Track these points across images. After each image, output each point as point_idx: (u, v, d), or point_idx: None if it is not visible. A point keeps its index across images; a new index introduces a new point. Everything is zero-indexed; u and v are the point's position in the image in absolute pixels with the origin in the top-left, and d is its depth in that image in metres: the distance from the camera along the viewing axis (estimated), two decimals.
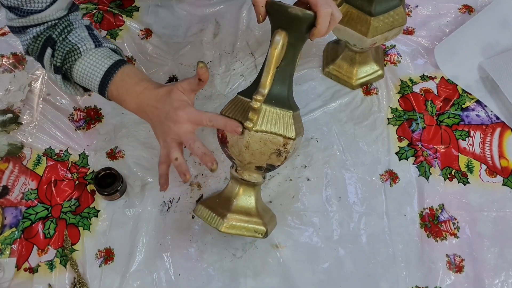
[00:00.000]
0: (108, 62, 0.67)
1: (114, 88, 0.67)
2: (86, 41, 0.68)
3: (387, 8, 0.77)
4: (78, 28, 0.69)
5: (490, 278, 0.73)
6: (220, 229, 0.65)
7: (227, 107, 0.67)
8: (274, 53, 0.60)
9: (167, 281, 0.74)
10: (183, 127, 0.61)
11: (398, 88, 0.91)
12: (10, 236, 0.78)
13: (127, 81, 0.66)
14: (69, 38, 0.68)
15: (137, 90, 0.66)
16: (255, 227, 0.68)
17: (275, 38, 0.60)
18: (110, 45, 0.70)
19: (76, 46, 0.67)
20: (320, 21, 0.60)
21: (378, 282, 0.74)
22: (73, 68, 0.68)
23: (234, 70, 0.94)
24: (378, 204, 0.80)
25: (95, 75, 0.67)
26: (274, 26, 0.64)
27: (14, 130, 0.87)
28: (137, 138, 0.87)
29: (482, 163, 0.83)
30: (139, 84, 0.66)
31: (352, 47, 0.86)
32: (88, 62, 0.67)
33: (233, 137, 0.64)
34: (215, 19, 1.01)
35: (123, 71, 0.67)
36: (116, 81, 0.66)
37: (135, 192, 0.81)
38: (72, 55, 0.67)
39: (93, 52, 0.67)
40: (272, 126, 0.63)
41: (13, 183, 0.83)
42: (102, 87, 0.67)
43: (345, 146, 0.85)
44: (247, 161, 0.65)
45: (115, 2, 1.04)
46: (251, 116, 0.61)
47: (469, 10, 1.00)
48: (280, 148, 0.64)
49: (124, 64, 0.68)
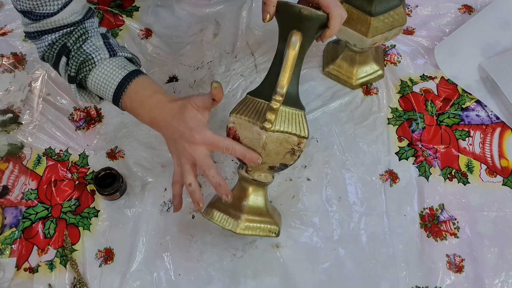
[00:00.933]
0: (122, 73, 0.66)
1: (127, 99, 0.66)
2: (100, 51, 0.67)
3: (387, 8, 0.76)
4: (93, 37, 0.68)
5: (490, 278, 0.73)
6: (236, 231, 0.65)
7: (238, 108, 0.66)
8: (293, 54, 0.60)
9: (167, 281, 0.74)
10: (198, 149, 0.61)
11: (398, 88, 0.91)
12: (10, 236, 0.78)
13: (140, 93, 0.66)
14: (83, 47, 0.67)
15: (151, 103, 0.65)
16: (269, 226, 0.68)
17: (293, 39, 0.60)
18: (126, 54, 0.70)
19: (91, 56, 0.66)
20: (333, 23, 0.61)
21: (378, 282, 0.74)
22: (87, 78, 0.67)
23: (234, 70, 0.94)
24: (378, 204, 0.80)
25: (109, 86, 0.66)
26: (284, 26, 0.63)
27: (14, 130, 0.87)
28: (137, 138, 0.87)
29: (482, 163, 0.83)
30: (152, 97, 0.65)
31: (352, 47, 0.86)
32: (102, 72, 0.66)
33: (247, 137, 0.63)
34: (215, 19, 1.01)
35: (137, 83, 0.66)
36: (129, 93, 0.66)
37: (135, 192, 0.81)
38: (86, 65, 0.67)
39: (107, 62, 0.67)
40: (287, 125, 0.63)
41: (13, 183, 0.83)
42: (116, 98, 0.67)
43: (345, 146, 0.85)
44: (262, 161, 0.65)
45: (115, 2, 1.04)
46: (270, 117, 0.61)
47: (469, 10, 1.00)
48: (294, 148, 0.65)
49: (138, 75, 0.67)
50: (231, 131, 0.65)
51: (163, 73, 0.94)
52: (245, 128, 0.64)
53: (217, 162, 0.83)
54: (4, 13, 1.02)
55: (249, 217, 0.66)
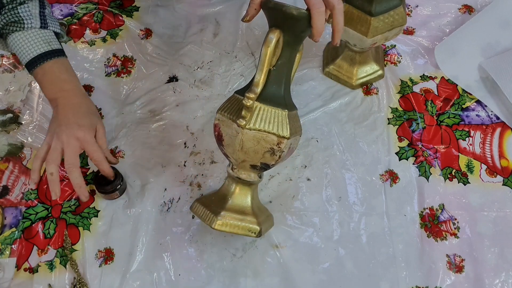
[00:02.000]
0: (45, 48, 0.70)
1: (40, 72, 0.71)
2: (33, 19, 0.70)
3: (387, 8, 0.76)
4: (31, 2, 0.70)
5: (491, 278, 0.73)
6: (212, 226, 0.66)
7: (224, 105, 0.67)
8: (267, 51, 0.60)
9: (167, 281, 0.74)
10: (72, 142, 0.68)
11: (398, 88, 0.91)
12: (10, 236, 0.78)
13: (56, 73, 0.71)
14: (18, 9, 0.69)
15: (63, 86, 0.71)
16: (249, 225, 0.68)
17: (268, 36, 0.60)
18: (55, 28, 0.73)
19: (22, 21, 0.69)
20: (315, 21, 0.59)
21: (378, 282, 0.74)
22: (9, 35, 0.70)
23: (234, 70, 0.94)
24: (378, 204, 0.80)
25: (27, 52, 0.70)
26: (270, 25, 0.63)
27: (14, 130, 0.87)
28: (137, 138, 0.87)
29: (482, 163, 0.83)
30: (67, 82, 0.72)
31: (352, 47, 0.86)
32: (26, 39, 0.70)
33: (228, 135, 0.64)
34: (215, 19, 1.01)
35: (56, 62, 0.71)
36: (45, 67, 0.70)
37: (135, 192, 0.81)
38: (14, 25, 0.69)
39: (35, 31, 0.70)
40: (265, 124, 0.63)
41: (13, 183, 0.83)
42: (30, 65, 0.71)
43: (345, 146, 0.85)
44: (241, 159, 0.65)
45: (115, 2, 1.04)
46: (244, 114, 0.62)
47: (469, 10, 1.00)
48: (274, 147, 0.64)
49: (60, 55, 0.72)
50: (216, 128, 0.66)
51: (163, 73, 0.94)
52: (227, 125, 0.65)
53: (217, 162, 0.84)
54: None
55: (229, 214, 0.67)
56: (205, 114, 0.89)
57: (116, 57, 0.96)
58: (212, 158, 0.84)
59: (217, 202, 0.69)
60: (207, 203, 0.70)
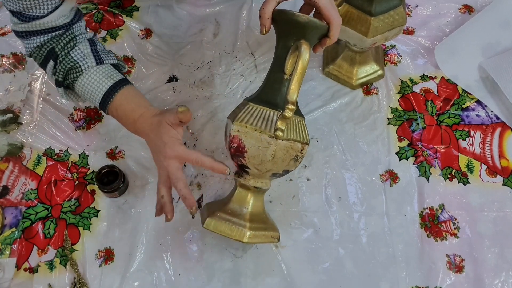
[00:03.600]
0: (108, 83, 0.69)
1: (113, 109, 0.70)
2: (88, 58, 0.69)
3: (387, 8, 0.76)
4: (81, 43, 0.70)
5: (490, 278, 0.73)
6: (244, 241, 0.64)
7: (242, 116, 0.64)
8: (305, 64, 0.60)
9: (167, 281, 0.74)
10: (170, 163, 0.64)
11: (398, 88, 0.91)
12: (10, 236, 0.78)
13: (125, 105, 0.69)
14: (71, 54, 0.69)
15: (134, 116, 0.69)
16: (271, 233, 0.68)
17: (304, 49, 0.60)
18: (112, 61, 0.72)
19: (78, 64, 0.68)
20: (334, 32, 0.64)
21: (378, 282, 0.74)
22: (75, 84, 0.70)
23: (234, 70, 0.94)
24: (378, 204, 0.80)
25: (95, 94, 0.69)
26: (284, 34, 0.64)
27: (14, 130, 0.87)
28: (137, 138, 0.86)
29: (482, 163, 0.83)
30: (135, 111, 0.69)
31: (352, 47, 0.86)
32: (89, 80, 0.69)
33: (254, 146, 0.63)
34: (215, 19, 1.01)
35: (122, 94, 0.69)
36: (115, 104, 0.69)
37: (135, 192, 0.81)
38: (73, 72, 0.69)
39: (94, 70, 0.69)
40: (292, 133, 0.64)
41: (13, 183, 0.83)
42: (102, 106, 0.70)
43: (345, 146, 0.85)
44: (267, 169, 0.65)
45: (115, 2, 1.04)
46: (281, 126, 0.61)
47: (469, 10, 1.00)
48: (298, 154, 0.65)
49: (123, 85, 0.70)
50: (235, 140, 0.64)
51: (163, 73, 0.94)
52: (252, 137, 0.63)
53: None
54: (4, 13, 1.02)
55: (253, 225, 0.66)
56: (205, 114, 0.89)
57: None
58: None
59: (235, 214, 0.67)
60: (225, 217, 0.66)
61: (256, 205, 0.69)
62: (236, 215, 0.67)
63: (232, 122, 0.64)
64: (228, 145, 0.66)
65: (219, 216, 0.66)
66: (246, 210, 0.68)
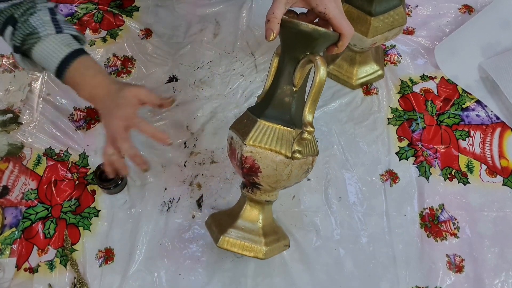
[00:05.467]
0: (67, 50, 0.69)
1: (70, 75, 0.69)
2: (47, 25, 0.69)
3: (387, 8, 0.77)
4: (41, 11, 0.69)
5: (490, 278, 0.73)
6: (260, 257, 0.64)
7: (253, 135, 0.60)
8: (323, 83, 0.58)
9: (167, 281, 0.74)
10: (118, 123, 0.66)
11: (398, 88, 0.91)
12: (10, 236, 0.78)
13: (83, 72, 0.69)
14: (30, 20, 0.68)
15: (92, 83, 0.69)
16: (283, 241, 0.69)
17: (320, 65, 0.57)
18: (72, 32, 0.71)
19: (37, 31, 0.68)
20: (344, 42, 0.62)
21: (378, 282, 0.74)
22: (32, 50, 0.69)
23: (234, 70, 0.94)
24: (378, 204, 0.80)
25: (52, 60, 0.69)
26: (290, 42, 0.60)
27: (14, 130, 0.87)
28: (137, 138, 0.86)
29: (482, 163, 0.83)
30: (95, 77, 0.69)
31: (352, 47, 0.86)
32: (47, 47, 0.68)
33: (270, 166, 0.60)
34: (215, 19, 1.01)
35: (80, 62, 0.69)
36: (72, 70, 0.69)
37: (135, 192, 0.81)
38: (31, 38, 0.68)
39: (52, 37, 0.69)
40: (305, 149, 0.62)
41: (13, 183, 0.83)
42: (58, 72, 0.70)
43: (345, 146, 0.85)
44: (282, 186, 0.64)
45: (115, 2, 1.04)
46: (299, 148, 0.60)
47: (469, 10, 1.00)
48: (309, 166, 0.64)
49: (82, 54, 0.70)
50: (248, 160, 0.61)
51: (163, 73, 0.94)
52: (266, 158, 0.60)
53: (217, 162, 0.84)
54: None
55: (267, 239, 0.65)
56: (205, 114, 0.89)
57: (116, 57, 0.96)
58: (212, 158, 0.84)
59: (250, 230, 0.65)
60: (239, 235, 0.65)
61: (266, 217, 0.68)
62: (249, 231, 0.65)
63: (243, 142, 0.60)
64: (240, 165, 0.62)
65: (232, 234, 0.65)
66: (259, 225, 0.66)
